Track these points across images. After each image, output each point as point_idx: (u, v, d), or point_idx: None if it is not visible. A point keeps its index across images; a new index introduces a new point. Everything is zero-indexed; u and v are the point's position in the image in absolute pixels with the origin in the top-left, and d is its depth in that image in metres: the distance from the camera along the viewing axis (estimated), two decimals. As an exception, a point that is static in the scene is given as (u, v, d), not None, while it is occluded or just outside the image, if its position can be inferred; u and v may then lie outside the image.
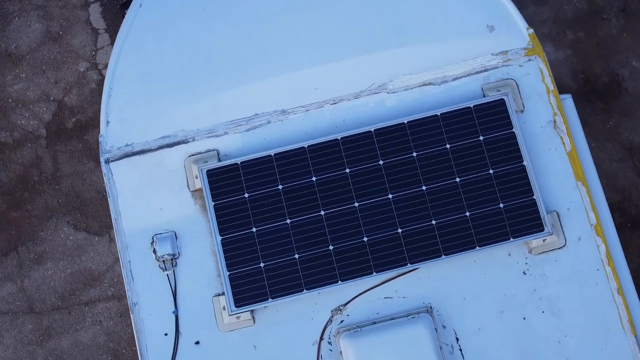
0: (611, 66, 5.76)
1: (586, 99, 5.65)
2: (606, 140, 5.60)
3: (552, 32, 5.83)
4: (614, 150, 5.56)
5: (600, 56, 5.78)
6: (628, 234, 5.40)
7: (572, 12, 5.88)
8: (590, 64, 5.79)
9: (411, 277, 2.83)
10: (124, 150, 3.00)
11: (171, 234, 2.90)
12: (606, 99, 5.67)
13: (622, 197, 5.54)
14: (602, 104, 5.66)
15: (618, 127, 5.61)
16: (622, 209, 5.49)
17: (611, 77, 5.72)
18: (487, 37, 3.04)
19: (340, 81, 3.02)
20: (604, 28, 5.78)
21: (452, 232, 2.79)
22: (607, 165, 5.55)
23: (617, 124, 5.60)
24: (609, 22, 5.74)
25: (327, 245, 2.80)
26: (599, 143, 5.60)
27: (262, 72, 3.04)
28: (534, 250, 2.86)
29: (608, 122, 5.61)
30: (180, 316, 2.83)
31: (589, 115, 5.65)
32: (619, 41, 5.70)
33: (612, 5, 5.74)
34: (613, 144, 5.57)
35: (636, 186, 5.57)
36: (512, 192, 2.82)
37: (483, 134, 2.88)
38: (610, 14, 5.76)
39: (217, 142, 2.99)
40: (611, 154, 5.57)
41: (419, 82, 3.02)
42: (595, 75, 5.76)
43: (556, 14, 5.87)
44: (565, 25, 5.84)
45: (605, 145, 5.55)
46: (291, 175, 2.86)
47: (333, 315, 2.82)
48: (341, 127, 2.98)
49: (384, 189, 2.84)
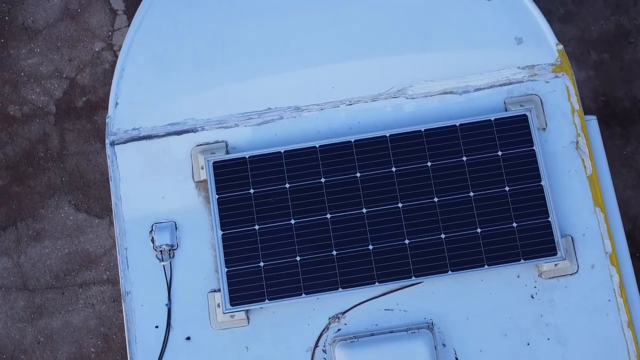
0: (633, 91, 5.63)
1: (605, 122, 5.54)
2: (622, 166, 5.48)
3: (576, 51, 5.72)
4: (629, 177, 5.44)
5: (623, 80, 5.66)
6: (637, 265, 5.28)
7: (598, 33, 5.76)
8: (612, 87, 5.67)
9: (414, 290, 2.73)
10: (131, 134, 2.92)
11: (171, 224, 2.81)
12: (625, 124, 5.55)
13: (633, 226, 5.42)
14: (621, 129, 5.54)
15: (635, 154, 5.49)
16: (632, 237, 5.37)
17: (632, 103, 5.59)
18: (514, 50, 2.94)
19: (358, 82, 2.92)
20: (629, 52, 5.66)
21: (461, 248, 2.69)
22: (620, 192, 5.42)
23: (635, 151, 5.48)
24: (635, 46, 5.61)
25: (330, 250, 2.71)
26: (615, 169, 5.48)
27: (279, 66, 2.95)
28: (545, 274, 2.75)
29: (625, 148, 5.49)
30: (173, 309, 2.74)
31: (606, 139, 5.53)
32: (644, 66, 5.59)
33: (640, 30, 5.63)
34: (629, 170, 5.45)
35: (649, 216, 5.45)
36: (527, 212, 2.71)
37: (502, 149, 2.77)
38: (638, 38, 5.64)
39: (226, 134, 2.90)
40: (626, 180, 5.45)
41: (440, 89, 2.91)
42: (616, 99, 5.64)
43: (582, 33, 5.75)
44: (590, 45, 5.72)
45: (621, 172, 5.43)
46: (300, 174, 2.77)
47: (330, 323, 2.73)
48: (356, 129, 2.88)
49: (394, 197, 2.74)
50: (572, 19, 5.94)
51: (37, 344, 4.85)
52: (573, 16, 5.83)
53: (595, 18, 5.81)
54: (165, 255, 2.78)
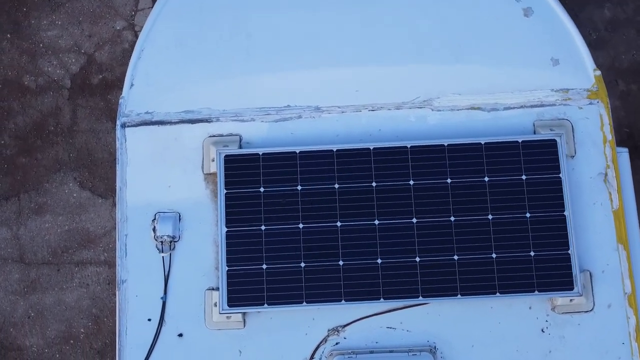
0: (659, 126, 5.49)
1: (627, 154, 5.40)
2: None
3: (604, 79, 5.58)
4: (649, 213, 5.30)
5: (649, 113, 5.52)
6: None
7: (629, 62, 5.62)
8: (637, 119, 5.52)
9: (420, 310, 2.61)
10: (143, 117, 2.81)
11: (175, 214, 2.70)
12: (648, 158, 5.41)
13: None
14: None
15: (656, 189, 5.35)
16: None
17: (657, 137, 5.45)
18: (549, 71, 2.81)
19: (383, 87, 2.80)
20: (659, 85, 5.51)
21: (474, 272, 2.57)
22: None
23: (655, 187, 5.34)
24: (665, 80, 5.47)
25: (337, 260, 2.59)
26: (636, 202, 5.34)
27: (304, 63, 2.83)
28: (558, 309, 2.62)
29: (645, 183, 5.35)
30: (167, 303, 2.64)
31: (627, 172, 5.40)
32: (673, 101, 5.44)
33: (672, 64, 5.48)
34: (649, 205, 5.31)
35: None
36: (547, 241, 2.59)
37: (527, 173, 2.65)
38: (669, 72, 5.50)
39: (241, 127, 2.79)
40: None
41: (467, 104, 2.79)
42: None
43: (612, 61, 5.61)
44: (619, 74, 5.57)
45: (639, 207, 5.30)
46: (313, 177, 2.65)
47: (329, 335, 2.61)
48: (376, 136, 2.77)
49: (409, 212, 2.62)
50: (604, 46, 5.80)
51: (27, 318, 4.77)
52: (605, 43, 5.69)
53: (628, 47, 5.67)
54: (165, 247, 2.67)
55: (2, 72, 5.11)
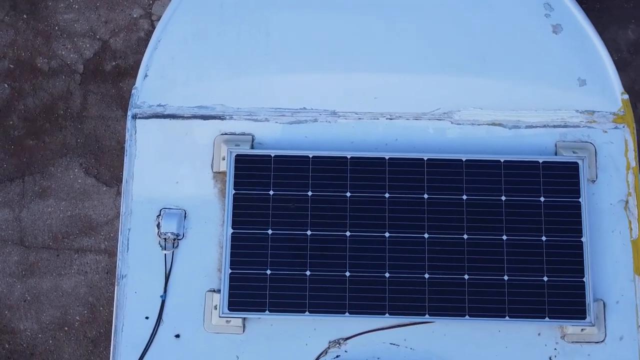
0: (676, 153, 5.40)
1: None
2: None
3: (623, 102, 5.49)
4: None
5: (667, 140, 5.43)
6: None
7: (650, 86, 5.53)
8: (654, 144, 5.44)
9: (425, 328, 2.53)
10: (155, 109, 2.74)
11: (181, 212, 2.63)
12: (662, 186, 5.31)
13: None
14: (657, 190, 5.30)
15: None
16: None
17: (673, 165, 5.36)
18: (575, 91, 2.73)
19: (403, 96, 2.73)
20: (679, 112, 5.42)
21: (484, 294, 2.49)
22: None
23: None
24: (685, 106, 5.37)
25: (344, 271, 2.52)
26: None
27: (323, 66, 2.76)
28: (568, 337, 2.54)
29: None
30: (166, 302, 2.57)
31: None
32: (692, 129, 5.34)
33: (694, 91, 5.38)
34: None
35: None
36: (561, 267, 2.50)
37: (545, 195, 2.57)
38: (690, 98, 5.40)
39: (254, 127, 2.71)
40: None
41: (489, 120, 2.71)
42: (657, 158, 5.41)
43: (632, 84, 5.51)
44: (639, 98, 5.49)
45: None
46: (325, 184, 2.58)
47: (330, 347, 2.54)
48: (392, 146, 2.69)
49: (421, 226, 2.54)
50: (625, 68, 5.70)
51: (23, 301, 4.71)
52: (626, 65, 5.59)
53: (649, 71, 5.58)
54: (168, 244, 2.60)
55: (15, 53, 5.06)
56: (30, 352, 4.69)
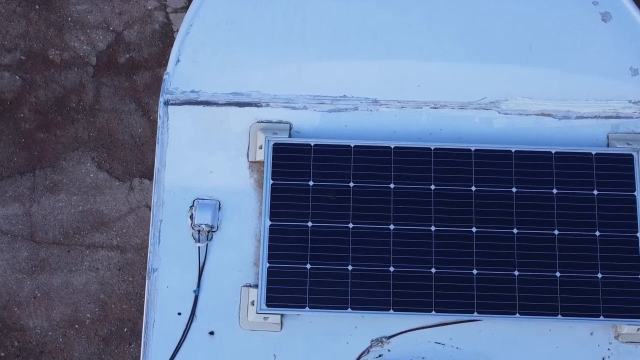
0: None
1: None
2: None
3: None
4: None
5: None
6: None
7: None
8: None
9: (472, 327, 2.42)
10: (188, 96, 2.62)
11: (215, 202, 2.51)
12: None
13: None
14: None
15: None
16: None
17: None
18: (627, 81, 2.62)
19: (448, 85, 2.61)
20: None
21: (535, 291, 2.37)
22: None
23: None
24: None
25: (388, 266, 2.40)
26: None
27: (364, 52, 2.64)
28: (622, 337, 2.42)
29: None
30: (200, 298, 2.45)
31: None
32: None
33: None
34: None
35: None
36: (616, 263, 2.39)
37: (599, 188, 2.45)
38: None
39: (292, 115, 2.60)
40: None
41: (538, 110, 2.60)
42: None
43: None
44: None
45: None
46: (367, 175, 2.46)
47: (372, 346, 2.42)
48: (436, 136, 2.58)
49: (468, 220, 2.43)
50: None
51: (33, 298, 4.59)
52: None
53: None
54: (202, 237, 2.48)
55: (27, 44, 4.94)
56: (40, 350, 4.56)
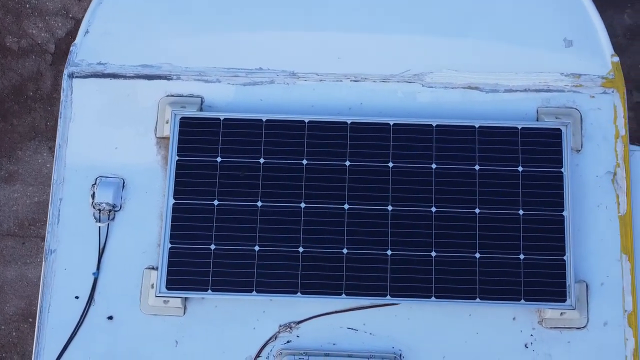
0: (673, 144, 5.15)
1: (637, 171, 5.05)
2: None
3: (620, 89, 5.23)
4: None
5: (664, 129, 5.17)
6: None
7: (647, 74, 5.27)
8: (651, 134, 5.18)
9: (387, 312, 2.27)
10: (95, 68, 2.48)
11: (119, 180, 2.37)
12: (658, 177, 5.06)
13: None
14: (653, 181, 5.05)
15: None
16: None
17: (670, 155, 5.11)
18: (560, 52, 2.47)
19: (370, 57, 2.47)
20: (677, 100, 5.16)
21: (452, 273, 2.22)
22: None
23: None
24: (684, 95, 5.12)
25: (297, 246, 2.26)
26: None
27: (281, 22, 2.50)
28: (546, 322, 2.27)
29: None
30: (100, 280, 2.31)
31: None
32: (690, 119, 5.08)
33: (695, 79, 5.12)
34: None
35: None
36: (540, 244, 2.24)
37: (524, 164, 2.31)
38: (689, 87, 5.14)
39: (204, 88, 2.45)
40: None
41: (464, 83, 2.45)
42: (654, 148, 5.16)
43: (628, 70, 5.24)
44: (635, 85, 5.21)
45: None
46: (279, 150, 2.32)
47: (280, 332, 2.27)
48: (356, 110, 2.43)
49: (384, 197, 2.28)
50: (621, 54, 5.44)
51: (-14, 291, 4.47)
52: (622, 50, 5.33)
53: (647, 57, 5.32)
54: (103, 216, 2.34)
55: (-17, 31, 4.82)
56: (-8, 344, 4.44)
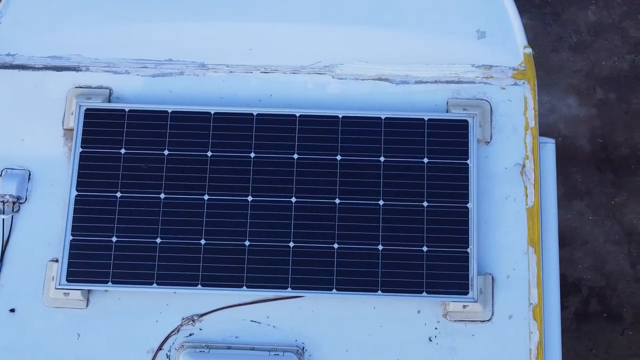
0: (635, 139, 5.11)
1: (597, 166, 5.03)
2: (606, 216, 4.96)
3: (582, 85, 5.21)
4: (612, 231, 4.92)
5: (626, 125, 5.14)
6: (601, 325, 4.77)
7: (610, 70, 5.25)
8: (612, 130, 5.15)
9: (291, 304, 2.25)
10: (3, 59, 2.46)
11: (24, 172, 2.35)
12: (619, 173, 5.03)
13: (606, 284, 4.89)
14: (613, 177, 5.02)
15: (624, 207, 4.97)
16: (602, 296, 4.85)
17: (631, 151, 5.07)
18: (472, 44, 2.45)
19: (281, 48, 2.44)
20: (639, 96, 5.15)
21: (355, 265, 2.21)
22: (599, 245, 4.91)
23: (624, 204, 4.96)
24: (647, 91, 5.11)
25: (199, 238, 2.24)
26: (598, 218, 4.96)
27: (191, 13, 2.47)
28: (450, 316, 2.26)
29: (614, 198, 4.97)
30: (2, 273, 2.28)
31: (595, 184, 5.02)
32: (652, 115, 5.07)
33: (656, 75, 5.11)
34: (613, 222, 4.93)
35: (625, 276, 4.93)
36: (444, 236, 2.23)
37: (430, 156, 2.29)
38: (651, 83, 5.13)
39: (113, 80, 2.43)
40: (608, 233, 4.93)
41: (374, 74, 2.43)
42: (615, 144, 5.12)
43: (592, 67, 5.24)
44: (598, 82, 5.20)
45: (604, 222, 4.91)
46: (184, 142, 2.30)
47: (182, 324, 2.26)
48: (265, 102, 2.41)
49: (288, 189, 2.26)
50: (584, 50, 5.43)
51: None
52: (585, 47, 5.33)
53: (610, 53, 5.30)
54: (7, 208, 2.32)
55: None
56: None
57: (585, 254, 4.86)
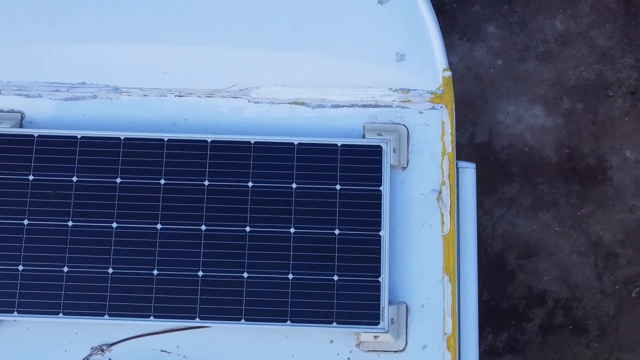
0: (602, 149, 5.08)
1: (563, 177, 4.99)
2: (572, 228, 4.93)
3: (548, 95, 5.18)
4: (578, 242, 4.89)
5: (592, 135, 5.11)
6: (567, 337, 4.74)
7: (576, 80, 5.22)
8: (579, 140, 5.12)
9: (201, 334, 2.22)
10: None
11: None
12: (585, 183, 5.00)
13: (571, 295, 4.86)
14: (580, 188, 4.99)
15: (590, 218, 4.94)
16: (568, 307, 4.82)
17: (598, 161, 5.04)
18: (391, 67, 2.41)
19: (196, 71, 2.41)
20: (605, 106, 5.11)
21: (265, 294, 2.17)
22: (565, 256, 4.88)
23: (590, 215, 4.93)
24: (613, 101, 5.06)
25: (107, 267, 2.20)
26: (564, 229, 4.93)
27: (104, 35, 2.43)
28: (363, 346, 2.21)
29: (580, 209, 4.94)
30: None
31: (561, 195, 4.99)
32: (619, 125, 5.03)
33: (623, 85, 5.08)
34: (579, 234, 4.90)
35: (591, 288, 4.89)
36: (355, 265, 2.19)
37: (342, 182, 2.25)
38: (618, 93, 5.09)
39: (26, 104, 2.39)
40: (574, 244, 4.90)
41: (290, 98, 2.40)
42: (582, 155, 5.09)
43: (559, 77, 5.21)
44: (565, 91, 5.17)
45: (570, 234, 4.88)
46: (95, 168, 2.26)
47: (92, 354, 2.22)
48: (180, 126, 2.37)
49: (198, 217, 2.23)
50: (551, 60, 5.40)
51: None
52: (552, 57, 5.29)
53: (577, 63, 5.27)
54: None
55: None
56: None
57: (551, 266, 4.83)
